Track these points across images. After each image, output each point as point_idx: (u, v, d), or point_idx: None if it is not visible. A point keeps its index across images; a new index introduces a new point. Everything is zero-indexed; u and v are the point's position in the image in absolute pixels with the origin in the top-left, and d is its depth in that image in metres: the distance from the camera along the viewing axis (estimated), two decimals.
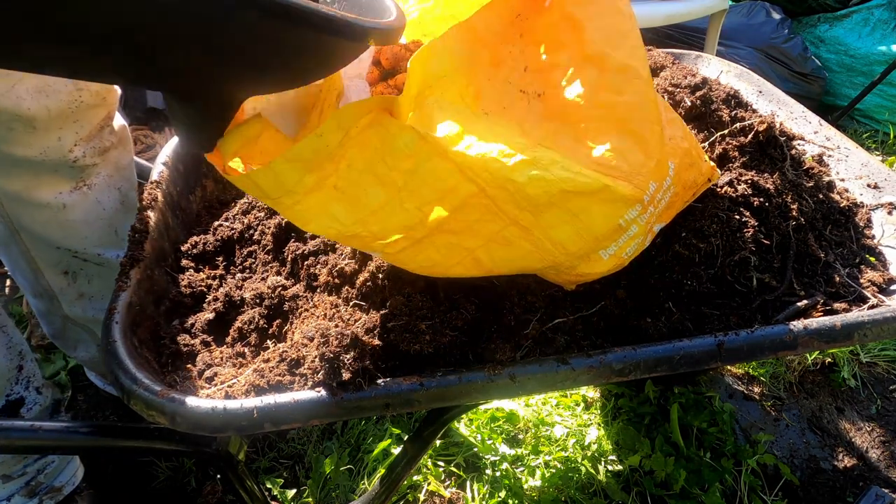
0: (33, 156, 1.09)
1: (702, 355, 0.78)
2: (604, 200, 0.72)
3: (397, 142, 0.66)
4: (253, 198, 1.17)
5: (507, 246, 0.73)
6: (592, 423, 1.55)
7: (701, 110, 1.15)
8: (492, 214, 0.70)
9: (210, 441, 0.92)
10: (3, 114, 1.02)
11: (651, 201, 0.77)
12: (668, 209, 0.83)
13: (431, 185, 0.68)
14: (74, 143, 1.13)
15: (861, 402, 1.66)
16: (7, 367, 1.14)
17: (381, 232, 0.70)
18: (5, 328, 1.15)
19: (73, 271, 1.26)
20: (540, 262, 0.75)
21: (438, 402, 0.77)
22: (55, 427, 0.84)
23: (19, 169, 1.10)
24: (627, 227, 0.76)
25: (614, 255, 0.78)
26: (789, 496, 1.42)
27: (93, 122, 1.15)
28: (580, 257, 0.76)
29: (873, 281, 0.93)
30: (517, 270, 0.78)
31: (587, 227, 0.73)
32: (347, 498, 1.40)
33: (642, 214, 0.76)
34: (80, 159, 1.15)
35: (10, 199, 1.14)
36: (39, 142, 1.08)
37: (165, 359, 0.88)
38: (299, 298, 0.93)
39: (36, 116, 1.04)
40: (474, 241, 0.72)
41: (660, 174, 0.78)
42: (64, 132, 1.10)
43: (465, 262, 0.74)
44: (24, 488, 1.20)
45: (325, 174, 0.65)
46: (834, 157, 1.16)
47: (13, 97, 1.01)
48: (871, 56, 2.83)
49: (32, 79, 1.02)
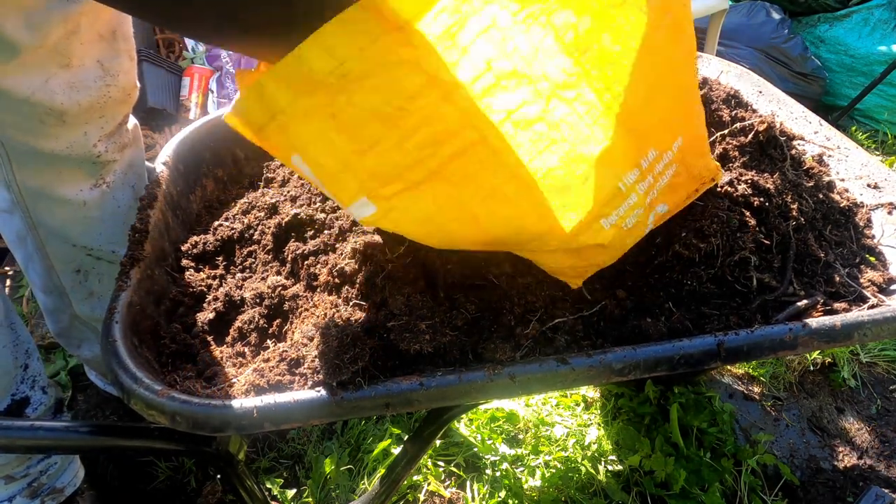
0: (60, 149, 1.11)
1: (702, 355, 0.78)
2: (603, 162, 0.70)
3: (404, 82, 0.62)
4: (252, 198, 1.17)
5: (505, 204, 0.70)
6: (592, 423, 1.55)
7: None
8: (493, 166, 0.67)
9: (210, 441, 0.92)
10: (38, 106, 1.04)
11: (650, 169, 0.76)
12: (671, 191, 0.81)
13: (433, 128, 0.65)
14: (98, 139, 1.15)
15: (861, 402, 1.66)
16: (13, 365, 1.14)
17: (376, 168, 0.67)
18: (14, 326, 1.15)
19: (84, 270, 1.27)
20: (538, 223, 0.72)
21: (438, 402, 0.77)
22: (55, 427, 0.84)
23: (44, 163, 1.12)
24: (627, 194, 0.74)
25: (615, 225, 0.76)
26: (789, 496, 1.42)
27: (116, 118, 1.17)
28: (580, 223, 0.73)
29: (873, 281, 0.93)
30: (514, 235, 0.74)
31: (588, 188, 0.71)
32: (347, 498, 1.40)
33: (640, 182, 0.75)
34: (103, 154, 1.17)
35: (32, 195, 1.15)
36: (67, 135, 1.10)
37: (165, 358, 0.88)
38: (299, 298, 0.93)
39: (67, 110, 1.06)
40: (473, 194, 0.69)
41: (660, 143, 0.77)
42: (90, 126, 1.12)
43: (463, 219, 0.70)
44: (26, 489, 1.20)
45: (321, 103, 0.63)
46: (834, 157, 1.16)
47: (48, 91, 1.03)
48: (871, 56, 2.83)
49: (65, 73, 1.04)
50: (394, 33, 0.60)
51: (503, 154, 0.67)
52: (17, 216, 1.18)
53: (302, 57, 0.60)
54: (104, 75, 1.09)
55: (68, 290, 1.29)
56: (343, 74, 0.61)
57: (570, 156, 0.70)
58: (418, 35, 0.61)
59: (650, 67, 0.73)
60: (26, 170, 1.12)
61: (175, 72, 2.68)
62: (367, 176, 0.68)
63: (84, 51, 1.05)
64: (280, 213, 1.06)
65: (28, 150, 1.09)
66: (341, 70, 0.61)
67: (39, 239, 1.21)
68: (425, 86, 0.63)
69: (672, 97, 0.77)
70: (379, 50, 0.61)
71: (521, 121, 0.67)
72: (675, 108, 0.78)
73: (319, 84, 0.62)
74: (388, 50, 0.61)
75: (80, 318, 1.33)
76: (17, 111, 1.03)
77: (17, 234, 1.22)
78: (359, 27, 0.59)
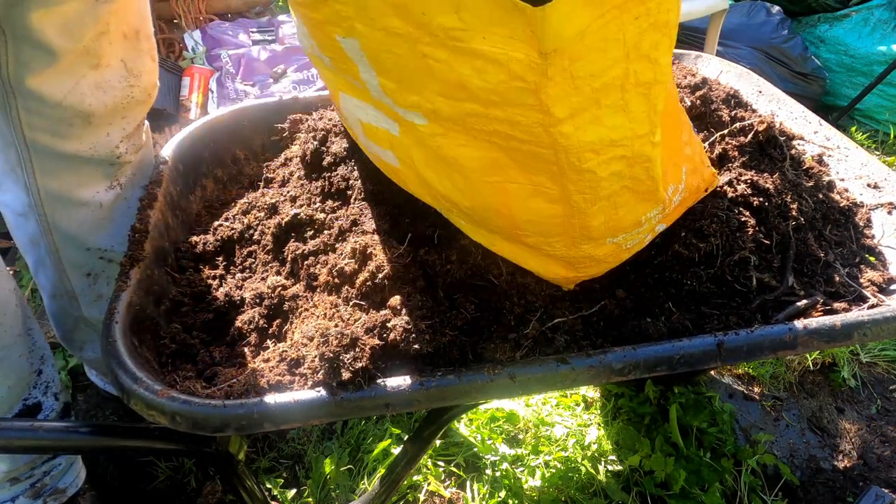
0: (83, 151, 1.12)
1: (701, 355, 0.78)
2: (645, 200, 0.73)
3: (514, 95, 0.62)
4: (252, 198, 1.17)
5: (543, 201, 0.71)
6: (592, 423, 1.55)
7: (701, 110, 1.15)
8: (551, 180, 0.69)
9: (210, 441, 0.92)
10: (68, 110, 1.05)
11: (668, 203, 0.78)
12: (672, 212, 0.84)
13: (516, 130, 0.65)
14: (121, 139, 1.17)
15: (861, 402, 1.66)
16: (27, 370, 1.13)
17: (447, 111, 0.66)
18: (31, 332, 1.14)
19: (95, 273, 1.28)
20: (557, 227, 0.74)
21: (438, 402, 0.77)
22: (55, 427, 0.84)
23: (66, 166, 1.13)
24: (643, 224, 0.77)
25: (616, 244, 0.78)
26: (789, 496, 1.42)
27: (137, 119, 1.19)
28: (592, 240, 0.76)
29: (873, 280, 0.93)
30: (529, 223, 0.75)
31: (618, 218, 0.74)
32: (347, 498, 1.40)
33: (658, 214, 0.78)
34: (123, 156, 1.19)
35: (51, 199, 1.16)
36: (91, 136, 1.12)
37: (165, 358, 0.88)
38: (299, 298, 0.93)
39: (94, 111, 1.08)
40: (520, 178, 0.70)
41: (676, 177, 0.79)
42: (113, 128, 1.14)
43: (498, 185, 0.71)
44: (29, 490, 1.20)
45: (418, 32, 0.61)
46: (834, 157, 1.16)
47: (78, 94, 1.05)
48: (871, 56, 2.83)
49: (94, 74, 1.06)
50: (533, 53, 0.58)
51: (569, 182, 0.68)
52: (32, 220, 1.18)
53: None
54: (128, 75, 1.11)
55: (78, 294, 1.29)
56: (454, 38, 0.59)
57: (622, 195, 0.72)
58: (557, 65, 0.59)
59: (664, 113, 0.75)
60: (48, 173, 1.13)
61: (175, 72, 2.68)
62: (440, 100, 0.66)
63: (112, 51, 1.07)
64: (280, 213, 1.06)
65: (53, 153, 1.10)
66: (454, 34, 0.59)
67: (53, 243, 1.21)
68: (529, 108, 0.63)
69: (672, 132, 0.79)
70: (505, 48, 0.59)
71: (601, 150, 0.66)
72: (675, 139, 0.80)
73: (423, 27, 0.60)
74: (514, 59, 0.59)
75: (88, 320, 1.34)
76: (48, 115, 1.05)
77: (30, 238, 1.22)
78: (502, 15, 0.57)
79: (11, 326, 1.06)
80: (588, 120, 0.63)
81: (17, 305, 1.08)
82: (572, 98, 0.61)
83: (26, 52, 0.97)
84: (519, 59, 0.59)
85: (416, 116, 0.70)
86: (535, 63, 0.58)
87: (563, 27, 0.55)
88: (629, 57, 0.60)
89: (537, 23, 0.55)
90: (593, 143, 0.65)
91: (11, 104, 1.03)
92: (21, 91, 1.02)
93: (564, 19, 0.55)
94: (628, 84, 0.62)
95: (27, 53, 0.98)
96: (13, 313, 1.07)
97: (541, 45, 0.57)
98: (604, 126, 0.64)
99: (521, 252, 0.83)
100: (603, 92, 0.62)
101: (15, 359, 1.09)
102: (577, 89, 0.60)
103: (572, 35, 0.56)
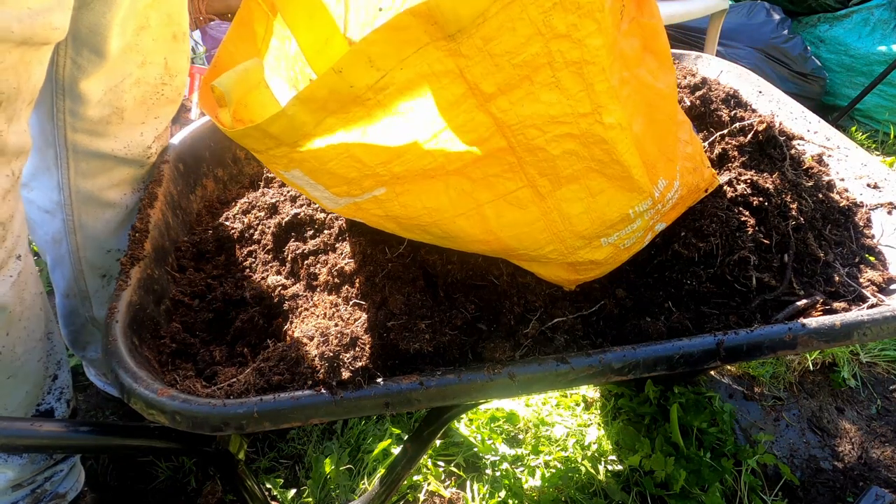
0: (119, 150, 1.13)
1: (701, 355, 0.78)
2: (622, 188, 0.73)
3: (447, 93, 0.64)
4: (252, 197, 1.17)
5: (516, 208, 0.73)
6: (592, 423, 1.55)
7: (701, 110, 1.15)
8: (512, 173, 0.70)
9: (210, 440, 0.92)
10: (108, 107, 1.07)
11: (660, 199, 0.78)
12: (671, 210, 0.84)
13: (464, 137, 0.67)
14: (153, 139, 1.18)
15: (861, 402, 1.66)
16: (43, 375, 1.11)
17: (402, 173, 0.68)
18: (51, 336, 1.13)
19: (110, 275, 1.29)
20: (543, 231, 0.75)
21: (438, 402, 0.77)
22: (55, 426, 0.84)
23: (100, 165, 1.14)
24: (634, 220, 0.77)
25: (613, 245, 0.79)
26: (789, 496, 1.42)
27: (167, 119, 1.20)
28: (583, 238, 0.76)
29: (873, 280, 0.93)
30: (516, 239, 0.76)
31: (599, 209, 0.74)
32: (347, 498, 1.40)
33: (650, 209, 0.78)
34: (152, 156, 1.20)
35: (81, 199, 1.17)
36: (126, 135, 1.13)
37: (165, 358, 0.88)
38: (299, 298, 0.93)
39: (126, 107, 1.10)
40: (487, 194, 0.72)
41: (670, 173, 0.79)
42: (146, 127, 1.15)
43: (471, 214, 0.73)
44: (29, 496, 1.19)
45: (353, 118, 0.63)
46: (834, 157, 1.16)
47: (118, 91, 1.07)
48: (871, 56, 2.83)
49: (138, 73, 1.08)
50: (441, 41, 0.60)
51: (526, 164, 0.69)
52: (58, 218, 1.19)
53: (343, 72, 0.60)
54: (164, 73, 1.12)
55: (91, 295, 1.30)
56: (382, 88, 0.62)
57: (592, 178, 0.72)
58: (468, 44, 0.61)
59: (646, 104, 0.76)
60: (83, 173, 1.14)
61: None
62: (390, 177, 0.69)
63: (156, 47, 1.08)
64: (280, 213, 1.06)
65: (90, 153, 1.12)
66: (381, 84, 0.62)
67: (75, 242, 1.22)
68: (463, 95, 0.64)
69: (665, 127, 0.79)
70: (423, 59, 0.61)
71: (543, 126, 0.68)
72: (669, 136, 0.81)
73: (356, 100, 0.62)
74: (434, 59, 0.62)
75: (97, 321, 1.34)
76: (90, 116, 1.06)
77: (52, 236, 1.22)
78: (406, 35, 0.60)
79: (34, 330, 1.06)
80: (522, 96, 0.65)
81: (41, 309, 1.07)
82: (496, 75, 0.63)
83: (84, 54, 1.00)
84: (438, 57, 0.61)
85: (375, 192, 0.72)
86: (446, 47, 0.61)
87: (458, 9, 0.58)
88: (544, 35, 0.62)
89: (435, 10, 0.58)
90: (532, 117, 0.66)
91: (60, 107, 1.05)
92: (72, 94, 1.04)
93: (458, 2, 0.58)
94: (556, 63, 0.64)
95: (84, 57, 1.00)
96: (37, 316, 1.06)
97: (444, 30, 0.59)
98: (540, 102, 0.66)
99: (524, 264, 0.84)
100: (530, 68, 0.63)
101: (34, 363, 1.08)
102: (498, 66, 0.62)
103: (472, 16, 0.59)
